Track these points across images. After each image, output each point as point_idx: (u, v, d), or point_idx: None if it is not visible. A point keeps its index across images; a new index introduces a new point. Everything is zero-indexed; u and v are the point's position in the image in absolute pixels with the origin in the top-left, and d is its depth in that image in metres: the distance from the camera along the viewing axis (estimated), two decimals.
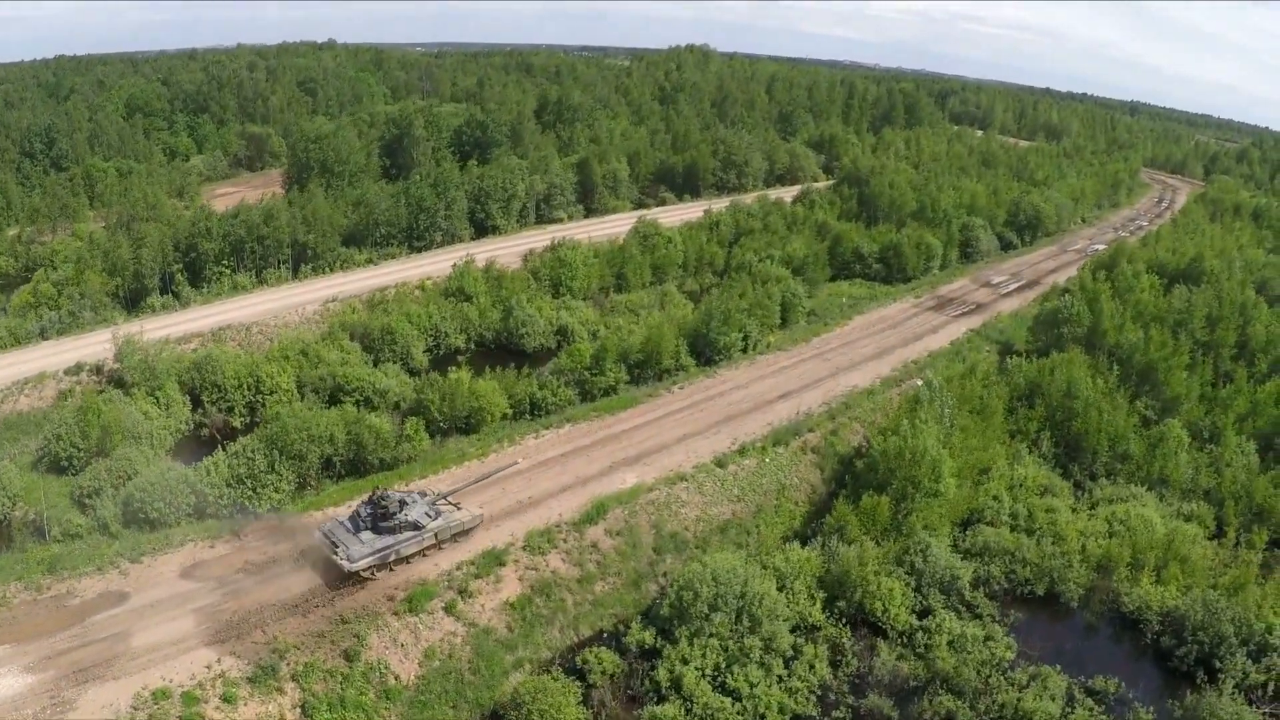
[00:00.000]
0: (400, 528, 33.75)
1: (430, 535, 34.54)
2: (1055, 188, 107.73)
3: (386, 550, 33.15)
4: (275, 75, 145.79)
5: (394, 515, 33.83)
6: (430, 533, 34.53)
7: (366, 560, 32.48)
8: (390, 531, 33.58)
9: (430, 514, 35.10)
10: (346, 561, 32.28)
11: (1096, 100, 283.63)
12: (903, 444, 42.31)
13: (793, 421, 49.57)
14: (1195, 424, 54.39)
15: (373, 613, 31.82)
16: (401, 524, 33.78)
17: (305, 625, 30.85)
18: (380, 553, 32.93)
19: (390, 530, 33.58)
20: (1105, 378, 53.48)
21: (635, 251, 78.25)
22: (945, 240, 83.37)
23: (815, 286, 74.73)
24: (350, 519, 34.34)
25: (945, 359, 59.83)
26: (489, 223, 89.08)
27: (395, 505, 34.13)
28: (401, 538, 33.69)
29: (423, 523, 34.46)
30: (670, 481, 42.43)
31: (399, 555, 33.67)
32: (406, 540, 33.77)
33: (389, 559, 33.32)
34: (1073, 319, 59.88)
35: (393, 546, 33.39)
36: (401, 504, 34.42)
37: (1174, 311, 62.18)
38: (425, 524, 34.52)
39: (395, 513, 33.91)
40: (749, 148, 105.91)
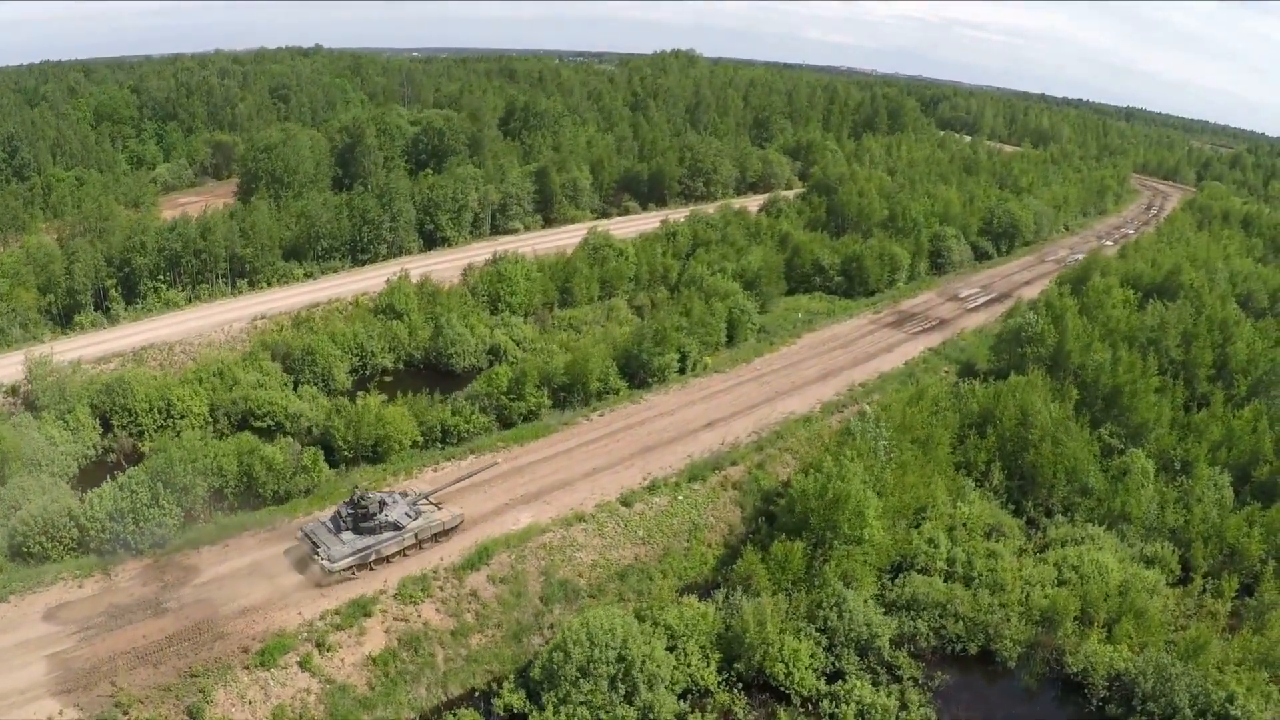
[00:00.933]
0: (380, 528, 33.75)
1: (410, 535, 34.52)
2: (1037, 195, 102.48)
3: (367, 550, 33.29)
4: (247, 82, 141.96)
5: (374, 516, 33.80)
6: (410, 533, 34.51)
7: (347, 560, 32.64)
8: (371, 532, 33.62)
9: (410, 514, 34.99)
10: (327, 561, 32.40)
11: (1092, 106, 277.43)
12: (822, 484, 37.49)
13: (715, 454, 44.90)
14: (1165, 454, 49.25)
15: (224, 665, 29.17)
16: (382, 524, 33.79)
17: (155, 677, 28.57)
18: (360, 553, 33.09)
19: (371, 530, 33.61)
20: (1064, 403, 48.38)
21: (582, 265, 73.67)
22: (914, 251, 78.35)
23: (770, 301, 69.90)
24: (331, 520, 34.28)
25: (896, 381, 54.87)
26: (438, 234, 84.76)
27: (375, 506, 34.04)
28: (382, 538, 33.71)
29: (403, 523, 34.38)
30: (567, 522, 38.30)
31: (379, 555, 33.71)
32: (387, 540, 33.80)
33: (369, 559, 33.43)
34: (1035, 338, 54.81)
35: (373, 546, 33.46)
36: (382, 504, 34.36)
37: (1146, 329, 57.00)
38: (405, 524, 34.45)
39: (375, 513, 33.87)
40: (717, 155, 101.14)
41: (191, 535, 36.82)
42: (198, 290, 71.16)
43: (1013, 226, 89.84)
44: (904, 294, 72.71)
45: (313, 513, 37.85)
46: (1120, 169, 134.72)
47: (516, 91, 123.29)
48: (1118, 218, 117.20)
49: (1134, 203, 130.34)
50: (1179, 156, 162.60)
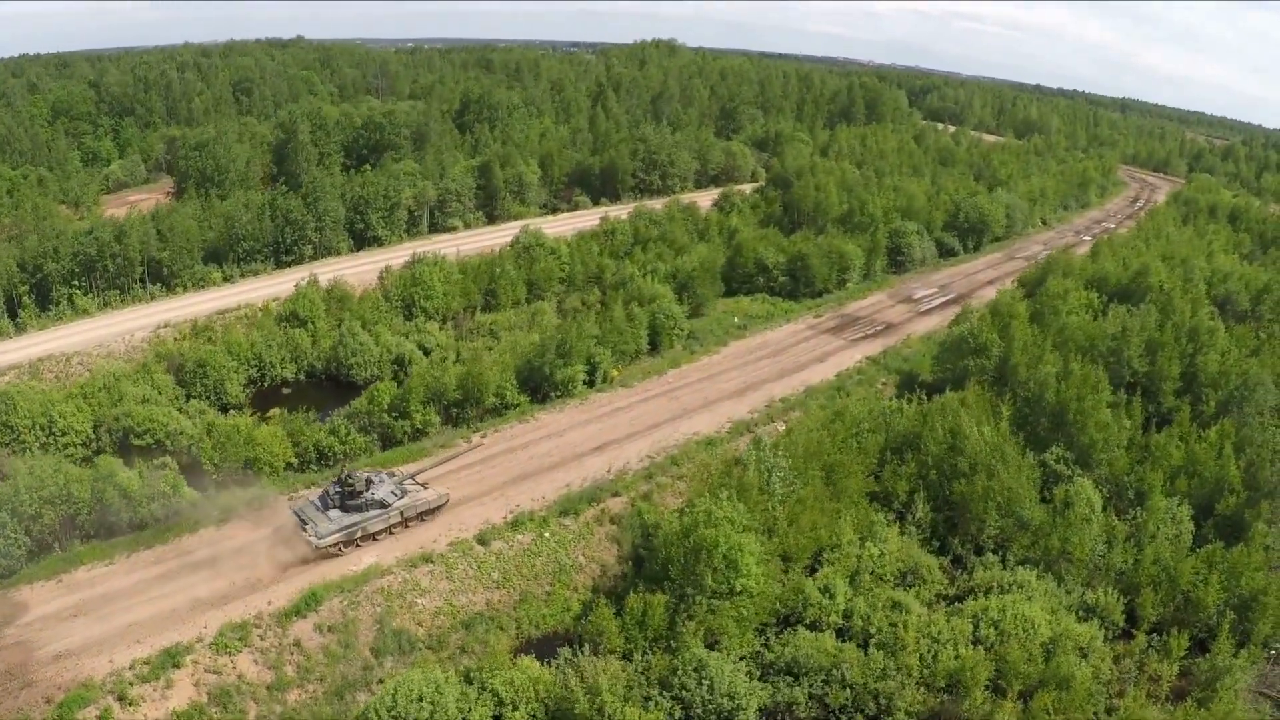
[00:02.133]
0: (367, 506, 33.79)
1: (396, 513, 34.52)
2: (1013, 187, 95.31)
3: (353, 527, 33.44)
4: (208, 76, 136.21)
5: (361, 494, 33.78)
6: (396, 511, 34.49)
7: (333, 537, 32.78)
8: (357, 509, 33.63)
9: (397, 493, 34.85)
10: (314, 538, 32.55)
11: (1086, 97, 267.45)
12: (686, 528, 31.50)
13: (597, 482, 39.01)
14: (1120, 481, 42.83)
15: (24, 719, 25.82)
16: (368, 502, 33.80)
17: None
18: (347, 530, 33.25)
19: (357, 508, 33.63)
20: (1001, 424, 41.94)
21: (508, 266, 67.63)
22: (869, 248, 71.68)
23: (706, 304, 63.65)
24: (320, 498, 34.37)
25: (823, 396, 48.60)
26: (369, 234, 79.00)
27: (362, 484, 34.05)
28: (368, 515, 33.73)
29: (389, 501, 34.37)
30: (412, 563, 33.35)
31: (365, 532, 33.81)
32: (373, 518, 33.86)
33: (355, 536, 33.57)
34: (980, 348, 48.31)
35: (359, 524, 33.54)
36: (368, 483, 34.35)
37: (1106, 338, 50.33)
38: (392, 502, 34.45)
39: (362, 491, 33.84)
40: (673, 147, 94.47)
41: (31, 570, 33.27)
42: (108, 297, 66.38)
43: (981, 222, 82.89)
44: (852, 295, 66.14)
45: (178, 539, 35.04)
46: (1106, 160, 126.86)
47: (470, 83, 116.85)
48: (1100, 211, 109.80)
49: (1120, 195, 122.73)
50: (1170, 148, 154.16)
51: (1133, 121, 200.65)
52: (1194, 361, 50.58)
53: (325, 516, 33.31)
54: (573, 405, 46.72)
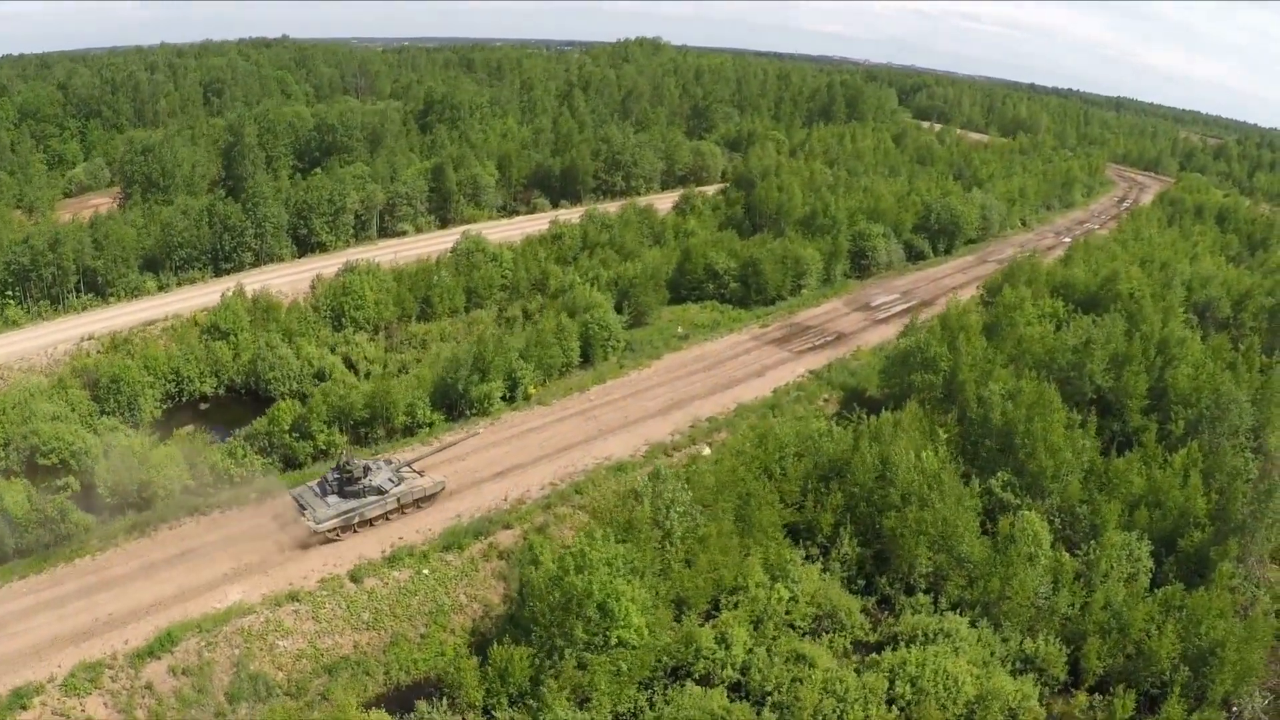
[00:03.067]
0: (365, 492, 33.68)
1: (393, 500, 34.36)
2: (991, 187, 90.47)
3: (351, 513, 33.31)
4: (177, 77, 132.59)
5: (359, 480, 33.65)
6: (393, 497, 34.34)
7: (332, 522, 32.72)
8: (355, 495, 33.53)
9: (394, 480, 34.72)
10: (313, 523, 32.43)
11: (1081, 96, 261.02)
12: (557, 571, 27.30)
13: (490, 513, 35.02)
14: (1074, 511, 38.26)
15: None
16: (366, 488, 33.70)
17: None
18: (345, 515, 33.15)
19: (355, 494, 33.54)
20: (939, 449, 37.42)
21: (445, 273, 63.50)
22: (829, 252, 67.08)
23: (649, 313, 59.31)
24: (319, 484, 34.33)
25: (756, 414, 44.16)
26: (313, 240, 75.08)
27: (360, 471, 33.92)
28: (366, 501, 33.63)
29: (386, 488, 34.24)
30: (277, 601, 30.05)
31: (363, 518, 33.65)
32: (370, 504, 33.72)
33: (353, 521, 33.42)
34: (927, 363, 43.76)
35: (357, 509, 33.42)
36: (366, 470, 34.25)
37: (1067, 350, 45.68)
38: (389, 489, 34.30)
39: (360, 477, 33.71)
40: (637, 147, 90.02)
41: None
42: (40, 307, 63.09)
43: (953, 223, 78.12)
44: (806, 302, 61.51)
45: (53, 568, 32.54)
46: (1093, 159, 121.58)
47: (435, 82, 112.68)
48: (1084, 211, 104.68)
49: (1107, 195, 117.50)
50: (1162, 147, 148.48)
51: (1126, 120, 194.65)
52: (1163, 376, 45.93)
53: (324, 502, 33.19)
54: (485, 425, 42.50)
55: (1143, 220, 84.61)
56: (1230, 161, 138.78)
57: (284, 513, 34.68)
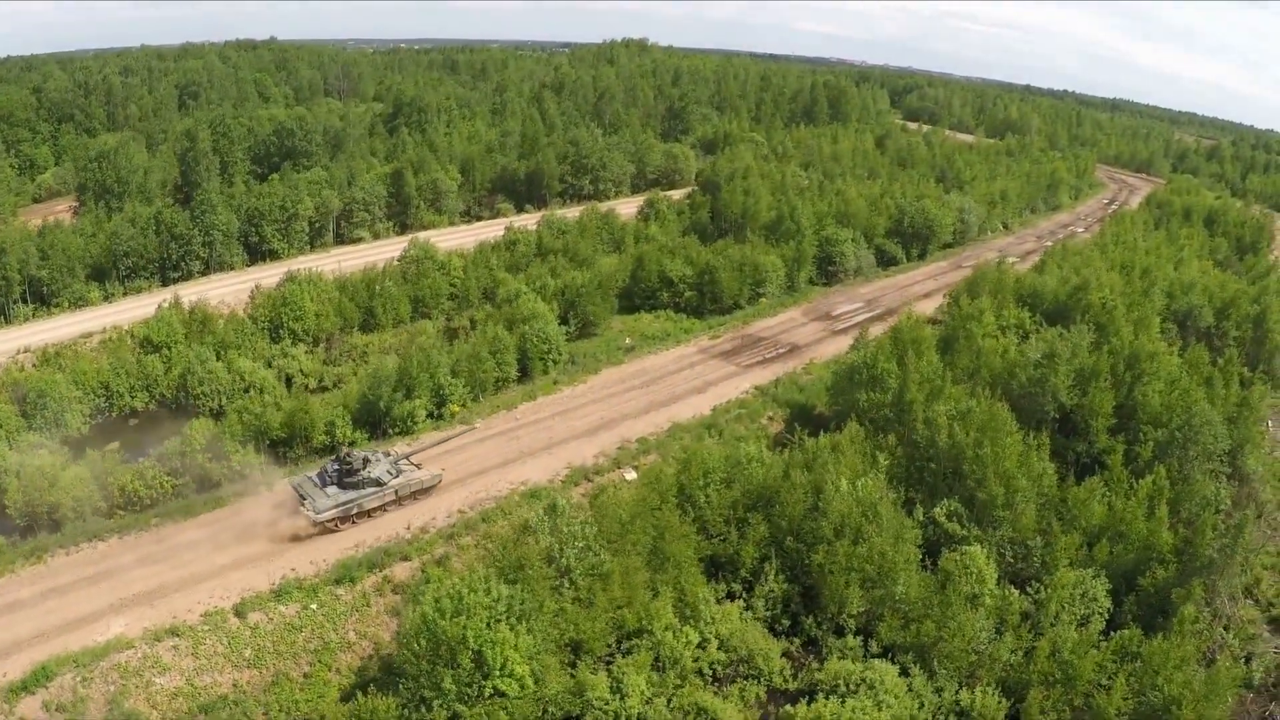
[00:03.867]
0: (363, 483, 33.76)
1: (391, 491, 34.35)
2: (970, 190, 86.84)
3: (349, 504, 33.37)
4: (152, 80, 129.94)
5: (358, 472, 33.78)
6: (391, 489, 34.34)
7: (331, 512, 32.81)
8: (354, 487, 33.62)
9: (392, 472, 34.74)
10: (312, 513, 32.53)
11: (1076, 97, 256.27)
12: (433, 615, 24.20)
13: (388, 544, 32.25)
14: (1027, 544, 34.71)
15: None
16: (364, 480, 33.77)
17: None
18: (343, 506, 33.21)
19: (354, 486, 33.62)
20: (877, 476, 33.91)
21: (388, 283, 60.32)
22: (793, 258, 63.58)
23: (597, 324, 55.98)
24: (319, 475, 34.43)
25: (691, 434, 40.73)
26: (264, 247, 72.19)
27: (359, 462, 34.06)
28: (364, 493, 33.70)
29: (385, 480, 34.27)
30: (158, 636, 27.69)
31: (361, 509, 33.72)
32: (369, 495, 33.78)
33: (351, 512, 33.49)
34: (875, 379, 40.24)
35: (355, 500, 33.47)
36: (365, 461, 34.35)
37: (1028, 365, 42.07)
38: (387, 481, 34.32)
39: (359, 469, 33.85)
40: (605, 150, 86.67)
41: None
42: None
43: (927, 227, 74.48)
44: (763, 312, 57.96)
45: None
46: (1082, 161, 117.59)
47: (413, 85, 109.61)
48: (1070, 214, 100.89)
49: (1095, 197, 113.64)
50: (1154, 148, 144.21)
51: (1120, 122, 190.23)
52: (1132, 393, 42.29)
53: (323, 493, 33.28)
54: (401, 447, 39.27)
55: (1126, 224, 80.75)
56: (1223, 163, 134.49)
57: (190, 542, 32.24)
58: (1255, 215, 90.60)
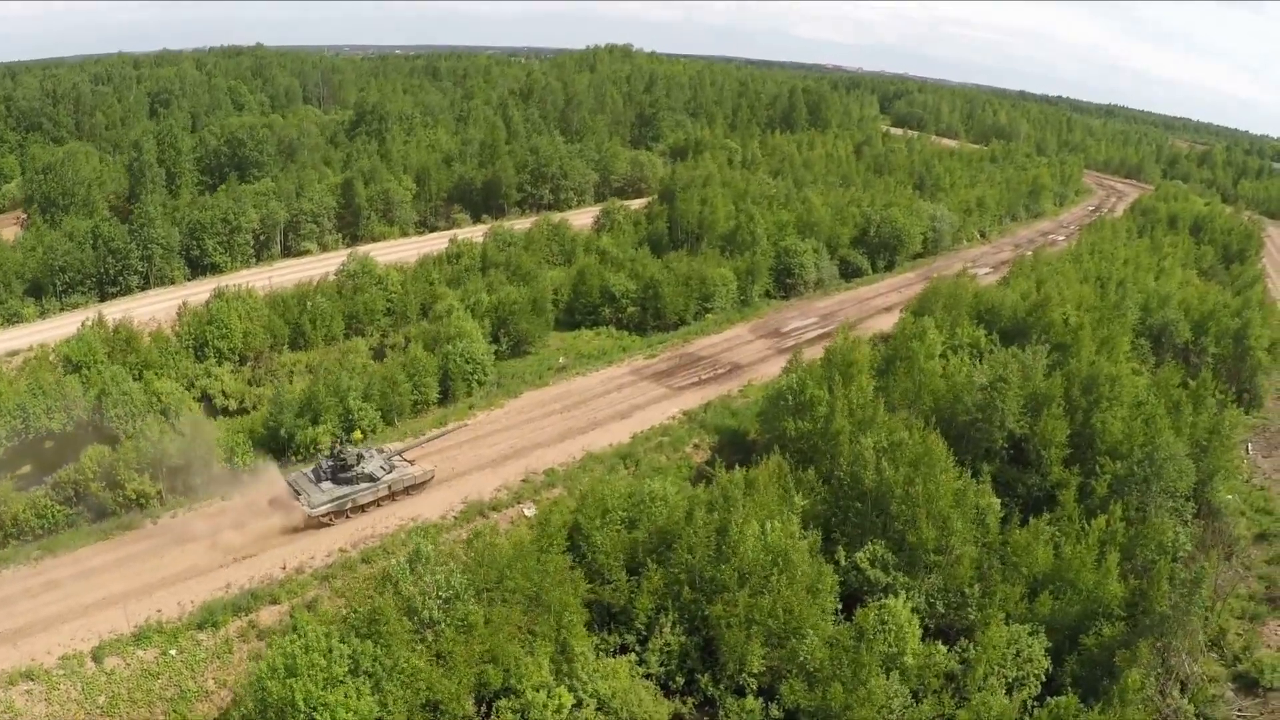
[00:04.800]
0: (357, 479, 33.76)
1: (384, 487, 34.30)
2: (943, 197, 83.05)
3: (343, 499, 33.34)
4: (122, 88, 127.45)
5: (352, 467, 33.78)
6: (385, 484, 34.29)
7: (325, 507, 32.78)
8: (348, 482, 33.64)
9: (385, 468, 34.81)
10: (307, 507, 32.44)
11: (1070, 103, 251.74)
12: (264, 674, 20.86)
13: (261, 584, 29.36)
14: (962, 595, 30.81)
15: None
16: (358, 475, 33.78)
17: None
18: (338, 500, 33.16)
19: (348, 481, 33.64)
20: (787, 521, 30.10)
21: (320, 298, 57.00)
22: (747, 270, 59.90)
23: (532, 341, 52.42)
24: (313, 470, 34.40)
25: (603, 465, 37.09)
26: (206, 260, 69.15)
27: (353, 458, 34.07)
28: (358, 488, 33.72)
29: (378, 475, 34.26)
30: (12, 680, 24.89)
31: (355, 504, 33.70)
32: (363, 490, 33.78)
33: (346, 507, 33.44)
34: (801, 407, 36.45)
35: (349, 495, 33.46)
36: (359, 457, 34.34)
37: (974, 390, 38.19)
38: (380, 476, 34.30)
39: (353, 465, 33.85)
40: (566, 158, 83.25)
41: None
42: None
43: (895, 237, 70.66)
44: (708, 328, 54.18)
45: None
46: (1068, 166, 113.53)
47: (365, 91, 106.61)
48: (1053, 222, 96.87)
49: (1081, 204, 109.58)
50: (1145, 153, 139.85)
51: (1112, 127, 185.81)
52: (1090, 421, 38.34)
53: (318, 488, 33.28)
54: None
55: (1106, 232, 76.74)
56: (1215, 168, 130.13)
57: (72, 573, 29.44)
58: (1244, 222, 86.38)
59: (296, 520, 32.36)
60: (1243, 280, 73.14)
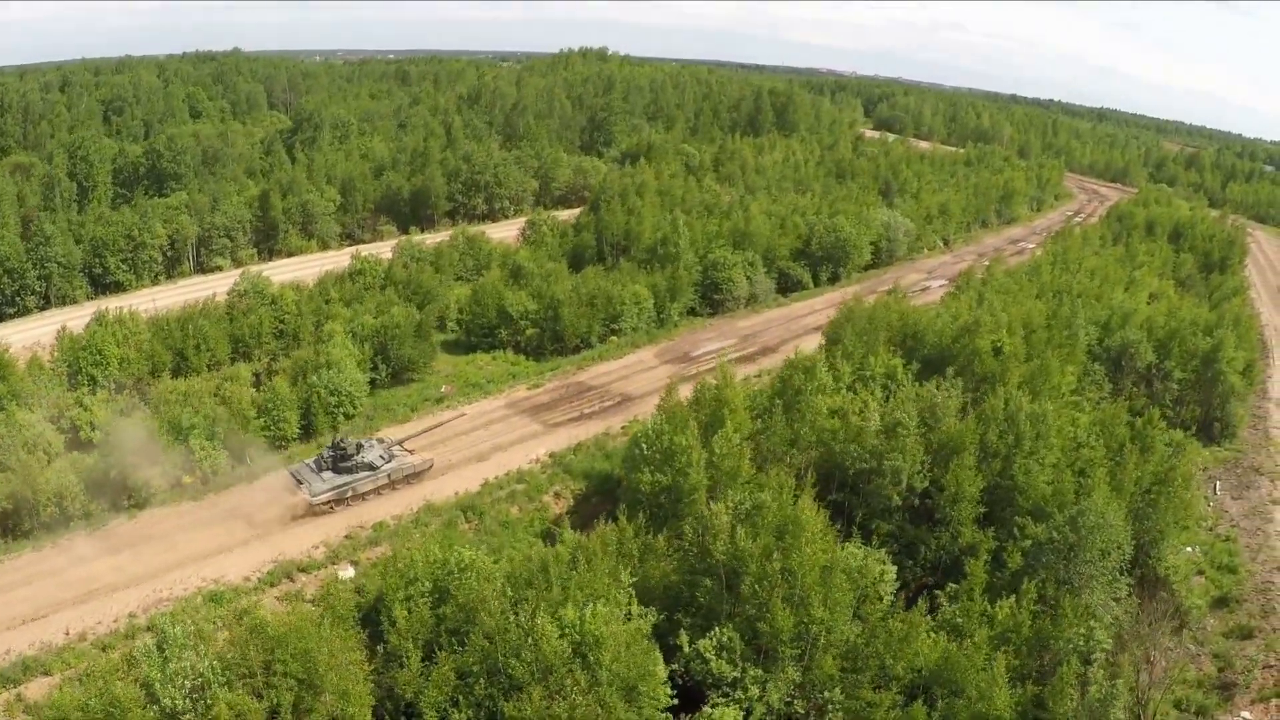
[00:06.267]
0: (357, 468, 33.83)
1: (384, 476, 34.27)
2: (897, 204, 76.73)
3: (344, 487, 33.41)
4: (74, 96, 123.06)
5: (352, 457, 33.86)
6: (384, 473, 34.26)
7: (326, 495, 32.91)
8: (349, 471, 33.68)
9: (385, 457, 34.72)
10: (309, 495, 32.65)
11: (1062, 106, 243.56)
12: None
13: (37, 654, 24.57)
14: (823, 697, 24.61)
15: None
16: (359, 465, 33.86)
17: None
18: (339, 489, 33.28)
19: (349, 470, 33.69)
20: (611, 604, 24.07)
21: (205, 321, 51.63)
22: (666, 287, 53.88)
23: (417, 368, 46.72)
24: (315, 461, 34.59)
25: (441, 518, 31.31)
26: (109, 279, 64.20)
27: (353, 448, 34.15)
28: (358, 476, 33.73)
29: (378, 464, 34.24)
30: None
31: (355, 492, 33.66)
32: (362, 479, 33.78)
33: (346, 495, 33.45)
34: (653, 457, 30.35)
35: (350, 484, 33.50)
36: (359, 447, 34.41)
37: (871, 436, 31.90)
38: (380, 465, 34.27)
39: (353, 454, 33.94)
40: (500, 165, 77.56)
41: None
42: None
43: (839, 248, 64.34)
44: (610, 352, 48.08)
45: None
46: (1046, 170, 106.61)
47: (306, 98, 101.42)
48: (1025, 228, 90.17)
49: (1060, 208, 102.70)
50: (1131, 157, 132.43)
51: (1100, 130, 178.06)
52: (1011, 471, 31.96)
53: (319, 477, 33.44)
54: (125, 525, 30.48)
55: (1075, 241, 70.09)
56: (1203, 172, 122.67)
57: None
58: (1227, 228, 79.39)
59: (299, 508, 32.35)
60: (1222, 292, 66.30)
